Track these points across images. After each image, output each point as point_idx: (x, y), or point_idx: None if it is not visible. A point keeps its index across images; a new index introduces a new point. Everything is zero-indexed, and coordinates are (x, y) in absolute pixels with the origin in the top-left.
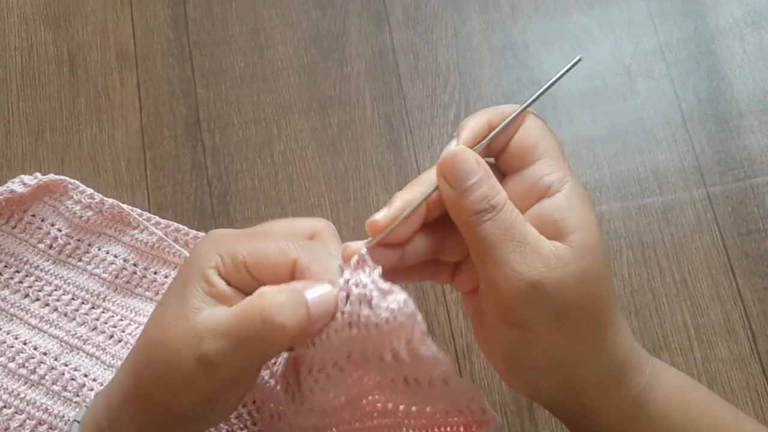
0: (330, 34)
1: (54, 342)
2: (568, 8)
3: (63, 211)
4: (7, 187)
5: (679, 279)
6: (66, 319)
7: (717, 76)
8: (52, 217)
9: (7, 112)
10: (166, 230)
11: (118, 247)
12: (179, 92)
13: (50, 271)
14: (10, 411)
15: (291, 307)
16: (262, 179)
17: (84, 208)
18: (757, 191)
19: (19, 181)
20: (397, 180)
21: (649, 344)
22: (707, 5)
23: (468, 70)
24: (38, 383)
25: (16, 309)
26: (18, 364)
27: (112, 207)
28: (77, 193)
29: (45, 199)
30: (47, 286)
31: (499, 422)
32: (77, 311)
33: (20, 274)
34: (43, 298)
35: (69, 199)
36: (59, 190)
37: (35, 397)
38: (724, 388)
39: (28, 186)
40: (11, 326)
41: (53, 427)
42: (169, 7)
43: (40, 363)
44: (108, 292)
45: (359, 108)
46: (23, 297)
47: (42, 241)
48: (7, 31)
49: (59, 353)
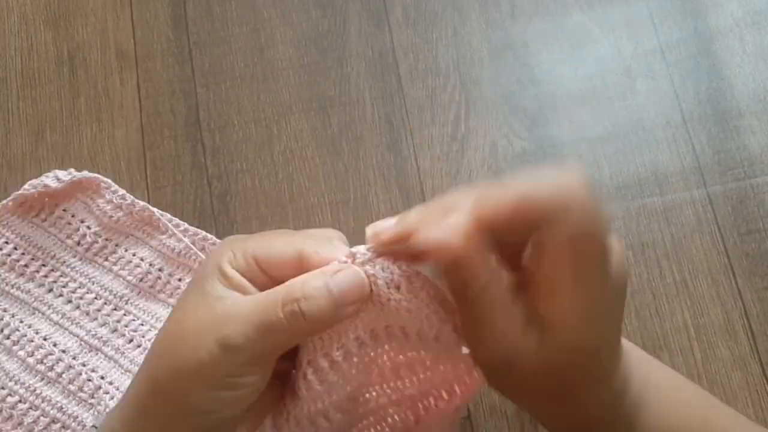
0: (330, 34)
1: (74, 340)
2: (568, 8)
3: (94, 209)
4: (41, 181)
5: (679, 279)
6: (87, 318)
7: (717, 76)
8: (83, 213)
9: (7, 112)
10: (194, 238)
11: (145, 251)
12: (179, 92)
13: (76, 268)
14: (25, 406)
15: (314, 297)
16: (262, 179)
17: (115, 208)
18: (757, 191)
19: (54, 176)
20: (397, 180)
21: (649, 344)
22: (707, 5)
23: (468, 70)
24: (55, 381)
25: (39, 303)
26: (37, 360)
27: (142, 210)
28: (109, 192)
29: (77, 196)
30: (72, 283)
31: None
32: (99, 311)
33: (46, 268)
34: (67, 295)
35: (101, 198)
36: (92, 188)
37: (51, 394)
38: (724, 388)
39: (62, 181)
40: (33, 320)
41: (66, 427)
42: (169, 7)
43: (59, 361)
44: (131, 295)
45: (359, 108)
46: (47, 291)
47: (70, 237)
48: (7, 31)
49: (78, 352)
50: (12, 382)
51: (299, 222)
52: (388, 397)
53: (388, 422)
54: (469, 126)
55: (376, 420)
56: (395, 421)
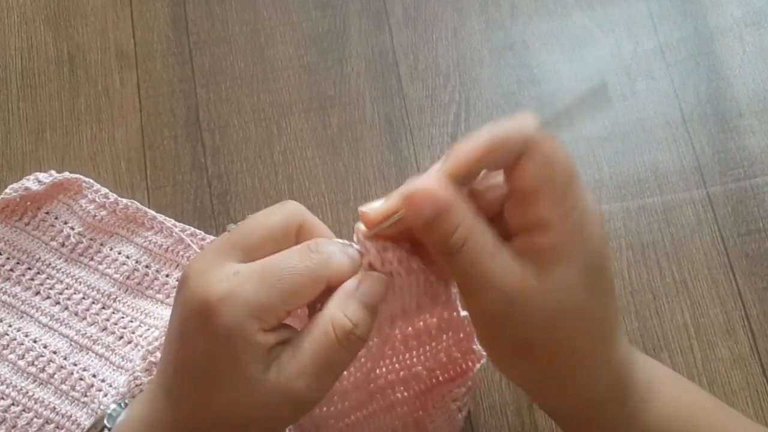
0: (330, 34)
1: (64, 341)
2: (568, 8)
3: (77, 210)
4: (22, 184)
5: (679, 279)
6: (76, 318)
7: (717, 76)
8: (66, 215)
9: (7, 112)
10: (182, 233)
11: (130, 248)
12: (179, 92)
13: (62, 270)
14: (17, 409)
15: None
16: (262, 179)
17: (98, 208)
18: (757, 191)
19: (34, 178)
20: (397, 180)
21: (649, 344)
22: (707, 5)
23: (468, 70)
24: (47, 382)
25: (27, 306)
26: (27, 362)
27: (125, 207)
28: (92, 192)
29: (59, 197)
30: (58, 284)
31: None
32: (88, 311)
33: (32, 271)
34: (54, 296)
35: (83, 198)
36: (74, 189)
37: (43, 395)
38: (724, 388)
39: (43, 183)
40: (21, 323)
41: (60, 427)
42: (169, 7)
43: (50, 362)
44: (119, 293)
45: (359, 108)
46: (34, 294)
47: (55, 239)
48: (7, 31)
49: (69, 352)
50: (4, 386)
51: None
52: (396, 373)
53: (398, 398)
54: (469, 126)
55: (386, 401)
56: (404, 398)
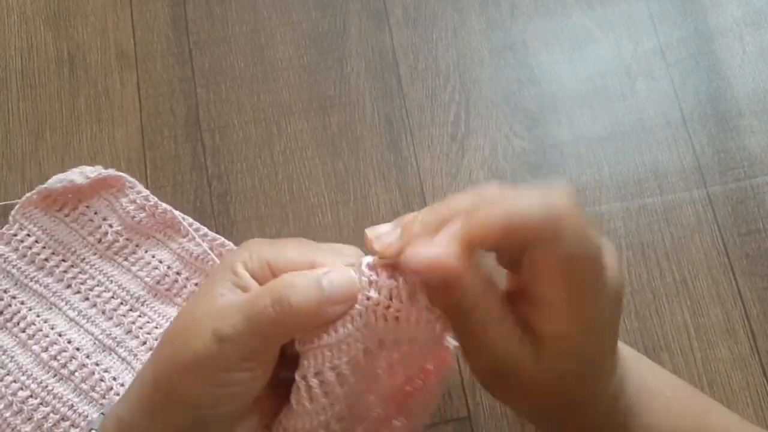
0: (330, 34)
1: (88, 339)
2: (568, 8)
3: (117, 208)
4: (67, 176)
5: (679, 279)
6: (103, 317)
7: (717, 76)
8: (106, 211)
9: (7, 112)
10: (212, 243)
11: (164, 253)
12: (179, 92)
13: (96, 266)
14: (36, 401)
15: (302, 287)
16: (262, 179)
17: (138, 209)
18: (757, 191)
19: (80, 171)
20: (396, 180)
21: (649, 344)
22: (707, 5)
23: (468, 70)
24: (68, 378)
25: (56, 298)
26: (50, 356)
27: (164, 212)
28: (134, 192)
29: (101, 193)
30: (90, 280)
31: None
32: (115, 311)
33: (66, 263)
34: (84, 292)
35: (125, 197)
36: (117, 186)
37: (62, 391)
38: (724, 388)
39: (88, 178)
40: (49, 315)
41: (75, 425)
42: (169, 7)
43: (72, 358)
44: (148, 297)
45: (359, 108)
46: (66, 287)
47: (92, 234)
48: (7, 31)
49: (92, 351)
50: (24, 377)
51: (299, 222)
52: (380, 395)
53: (381, 417)
54: (469, 126)
55: (371, 422)
56: (386, 414)
